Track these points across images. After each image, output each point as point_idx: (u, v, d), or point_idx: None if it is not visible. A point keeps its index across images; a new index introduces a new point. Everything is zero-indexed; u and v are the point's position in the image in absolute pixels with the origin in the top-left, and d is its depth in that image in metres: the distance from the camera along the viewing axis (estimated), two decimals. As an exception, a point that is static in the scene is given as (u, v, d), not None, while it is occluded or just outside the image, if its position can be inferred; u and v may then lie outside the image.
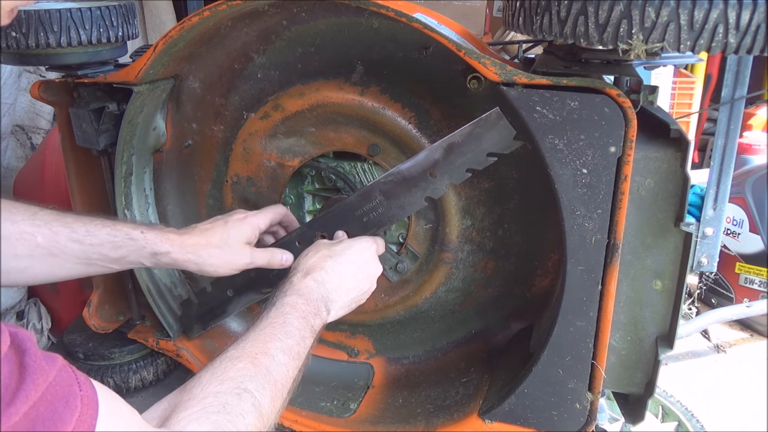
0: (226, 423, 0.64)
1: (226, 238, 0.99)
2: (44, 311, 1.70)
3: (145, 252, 0.91)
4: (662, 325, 1.08)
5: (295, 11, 1.16)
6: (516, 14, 0.99)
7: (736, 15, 0.79)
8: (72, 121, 1.33)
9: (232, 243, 0.99)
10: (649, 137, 1.00)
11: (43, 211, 0.84)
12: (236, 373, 0.71)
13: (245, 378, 0.71)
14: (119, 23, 1.27)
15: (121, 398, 0.58)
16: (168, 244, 0.93)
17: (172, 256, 0.94)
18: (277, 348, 0.79)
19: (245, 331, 0.83)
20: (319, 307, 0.92)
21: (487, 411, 1.17)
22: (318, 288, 0.94)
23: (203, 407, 0.64)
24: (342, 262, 0.98)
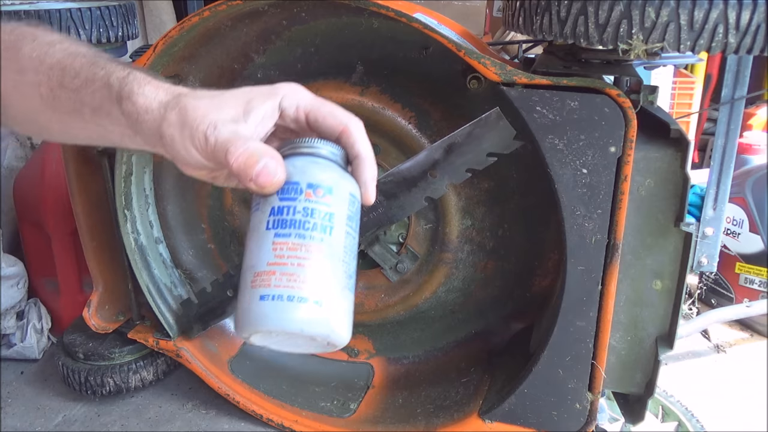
0: None
1: (233, 95, 0.60)
2: (44, 311, 1.70)
3: (113, 94, 0.60)
4: (662, 325, 1.08)
5: (295, 11, 1.16)
6: (516, 14, 0.99)
7: (736, 15, 0.80)
8: (72, 121, 1.33)
9: (230, 101, 0.59)
10: (649, 137, 1.00)
11: (56, 48, 0.65)
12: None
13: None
14: (119, 23, 1.27)
15: None
16: (139, 84, 0.59)
17: (135, 99, 0.58)
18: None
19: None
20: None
21: (487, 411, 1.17)
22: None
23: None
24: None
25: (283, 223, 0.53)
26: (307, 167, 0.56)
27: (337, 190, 0.56)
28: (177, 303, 1.41)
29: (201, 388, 1.48)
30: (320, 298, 0.51)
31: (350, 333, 0.54)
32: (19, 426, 1.43)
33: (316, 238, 0.53)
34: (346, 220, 0.56)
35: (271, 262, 0.52)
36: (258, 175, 0.54)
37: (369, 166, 0.60)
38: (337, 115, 0.60)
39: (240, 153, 0.54)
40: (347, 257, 0.55)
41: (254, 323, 0.52)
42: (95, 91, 0.62)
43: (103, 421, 1.43)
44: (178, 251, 1.47)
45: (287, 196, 0.54)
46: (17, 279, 1.63)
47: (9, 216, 1.81)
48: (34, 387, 1.56)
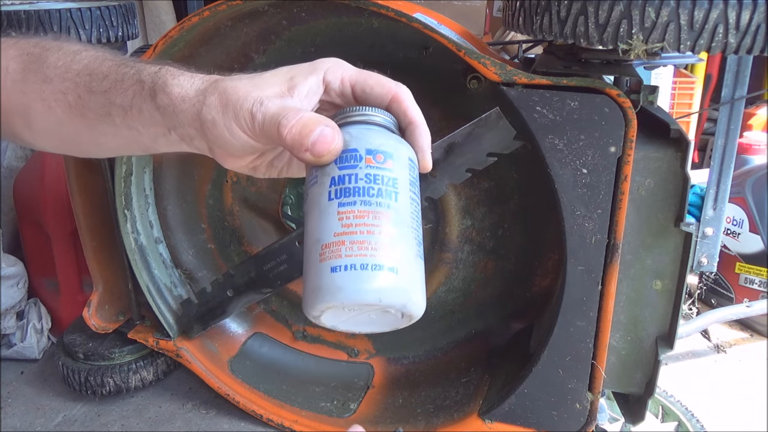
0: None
1: (274, 73, 0.58)
2: (44, 311, 1.70)
3: (145, 89, 0.59)
4: (662, 325, 1.08)
5: (295, 11, 1.16)
6: (516, 14, 0.99)
7: (736, 15, 0.80)
8: (72, 121, 1.32)
9: (272, 79, 0.57)
10: (649, 137, 1.00)
11: (81, 56, 0.64)
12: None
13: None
14: (119, 23, 1.27)
15: None
16: (173, 75, 0.59)
17: (170, 90, 0.58)
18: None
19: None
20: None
21: (487, 411, 1.17)
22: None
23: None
24: None
25: (347, 192, 0.50)
26: (363, 134, 0.53)
27: (397, 155, 0.53)
28: (177, 303, 1.41)
29: (201, 388, 1.48)
30: (395, 264, 0.48)
31: (425, 302, 0.51)
32: (19, 426, 1.43)
33: (383, 205, 0.50)
34: (409, 185, 0.53)
35: (338, 233, 0.49)
36: (314, 144, 0.51)
37: (424, 131, 0.58)
38: (385, 83, 0.58)
39: (294, 124, 0.51)
40: (415, 224, 0.52)
41: (327, 298, 0.48)
42: (126, 89, 0.60)
43: (103, 421, 1.43)
44: (178, 251, 1.47)
45: (347, 164, 0.51)
46: (17, 279, 1.63)
47: (9, 216, 1.81)
48: (34, 387, 1.56)
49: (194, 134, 0.57)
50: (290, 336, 1.50)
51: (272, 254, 1.20)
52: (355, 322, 0.52)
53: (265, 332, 1.50)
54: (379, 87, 0.57)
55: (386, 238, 0.49)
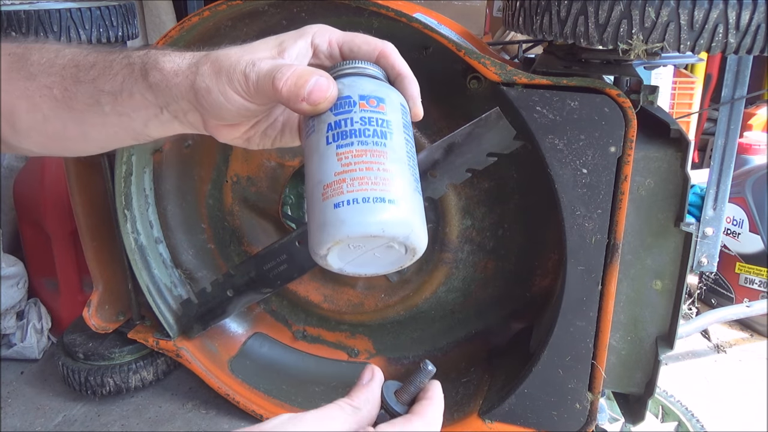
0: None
1: (264, 41, 0.60)
2: (44, 311, 1.70)
3: (135, 70, 0.60)
4: (662, 325, 1.08)
5: (295, 11, 1.16)
6: (516, 14, 0.99)
7: (736, 15, 0.80)
8: (72, 121, 1.32)
9: (262, 45, 0.59)
10: (649, 137, 1.00)
11: (64, 52, 0.65)
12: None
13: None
14: (119, 23, 1.27)
15: None
16: (162, 53, 0.61)
17: (162, 66, 0.59)
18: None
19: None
20: None
21: (487, 411, 1.17)
22: None
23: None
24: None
25: (343, 135, 0.52)
26: (355, 82, 0.55)
27: (389, 100, 0.55)
28: (177, 303, 1.41)
29: (201, 388, 1.48)
30: (394, 197, 0.50)
31: (427, 236, 0.52)
32: (19, 426, 1.43)
33: (379, 144, 0.52)
34: (403, 127, 0.55)
35: (338, 172, 0.50)
36: (311, 93, 0.52)
37: (413, 81, 0.60)
38: (371, 41, 0.59)
39: (288, 76, 0.52)
40: (411, 161, 0.54)
41: (333, 232, 0.49)
42: (115, 74, 0.60)
43: (103, 421, 1.43)
44: (178, 251, 1.47)
45: (342, 110, 0.53)
46: (17, 279, 1.63)
47: (9, 216, 1.81)
48: (34, 387, 1.56)
49: (188, 107, 0.58)
50: (290, 336, 1.50)
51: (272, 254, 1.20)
52: (360, 262, 0.53)
53: (265, 332, 1.50)
54: (366, 45, 0.59)
55: (385, 173, 0.50)
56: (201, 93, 0.56)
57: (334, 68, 0.58)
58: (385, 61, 0.59)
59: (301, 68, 0.54)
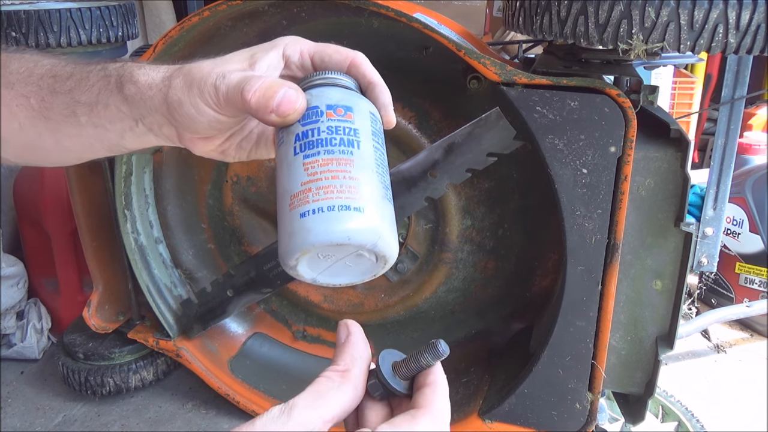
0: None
1: (236, 53, 0.62)
2: (44, 311, 1.70)
3: (111, 82, 0.60)
4: (662, 325, 1.08)
5: (295, 11, 1.16)
6: (516, 14, 0.99)
7: (736, 15, 0.80)
8: (72, 121, 1.32)
9: (233, 58, 0.61)
10: (649, 137, 1.00)
11: (43, 62, 0.65)
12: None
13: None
14: (119, 23, 1.27)
15: None
16: (138, 66, 0.61)
17: (137, 79, 0.59)
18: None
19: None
20: None
21: (487, 411, 1.17)
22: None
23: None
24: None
25: (310, 145, 0.52)
26: (323, 93, 0.55)
27: (358, 109, 0.55)
28: (177, 303, 1.41)
29: (201, 388, 1.48)
30: (361, 204, 0.49)
31: (397, 244, 0.51)
32: (19, 426, 1.43)
33: (345, 152, 0.52)
34: (372, 135, 0.54)
35: (304, 182, 0.50)
36: (279, 105, 0.53)
37: (384, 89, 0.60)
38: (342, 51, 0.60)
39: (257, 88, 0.53)
40: (380, 169, 0.53)
41: (299, 243, 0.49)
42: (92, 86, 0.61)
43: (103, 421, 1.43)
44: (178, 251, 1.47)
45: (309, 120, 0.53)
46: (17, 279, 1.63)
47: (9, 216, 1.81)
48: (34, 387, 1.56)
49: (162, 121, 0.58)
50: (290, 336, 1.50)
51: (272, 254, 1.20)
52: (332, 272, 0.53)
53: (265, 332, 1.50)
54: (337, 54, 0.59)
55: (351, 181, 0.50)
56: (173, 106, 0.56)
57: (304, 80, 0.58)
58: (356, 70, 0.59)
59: (270, 80, 0.54)
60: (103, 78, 0.61)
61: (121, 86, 0.59)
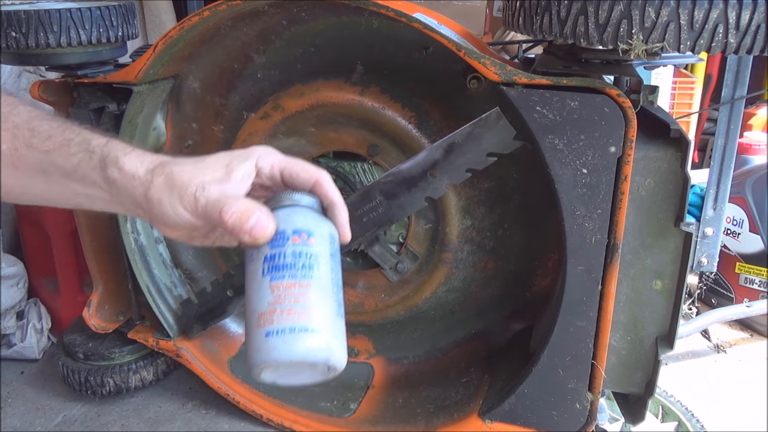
0: None
1: (215, 159, 0.65)
2: (44, 311, 1.70)
3: (94, 159, 0.63)
4: (662, 325, 1.08)
5: (295, 11, 1.16)
6: (516, 14, 0.99)
7: (736, 15, 0.80)
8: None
9: (212, 164, 0.63)
10: (649, 137, 1.00)
11: (19, 109, 0.67)
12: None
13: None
14: (119, 23, 1.27)
15: None
16: (123, 151, 0.63)
17: (121, 166, 0.62)
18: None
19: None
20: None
21: (487, 411, 1.17)
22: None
23: None
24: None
25: (276, 268, 0.60)
26: (290, 216, 0.63)
27: (318, 233, 0.63)
28: (177, 303, 1.41)
29: (201, 388, 1.48)
30: (317, 326, 0.58)
31: (346, 355, 0.62)
32: (19, 426, 1.43)
33: (306, 276, 0.60)
34: (329, 257, 0.63)
35: (270, 302, 0.58)
36: (252, 229, 0.60)
37: (342, 210, 0.67)
38: (309, 169, 0.66)
39: (234, 210, 0.60)
40: (335, 288, 0.63)
41: (264, 358, 0.57)
42: (72, 155, 0.65)
43: (103, 421, 1.43)
44: (178, 251, 1.47)
45: (277, 244, 0.61)
46: (17, 279, 1.63)
47: (9, 216, 1.81)
48: (34, 387, 1.56)
49: (139, 210, 0.64)
50: (290, 336, 1.50)
51: (272, 254, 1.20)
52: (290, 377, 0.62)
53: (265, 332, 1.50)
54: (304, 173, 0.66)
55: (310, 305, 0.59)
56: (153, 203, 0.61)
57: (274, 199, 0.66)
58: (320, 189, 0.66)
59: (246, 204, 0.60)
60: (85, 151, 0.64)
61: (105, 167, 0.63)
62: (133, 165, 0.63)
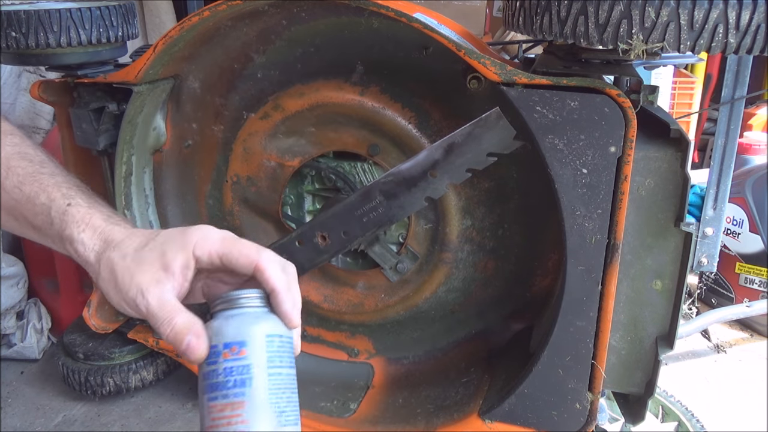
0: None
1: (151, 249, 0.64)
2: (44, 311, 1.70)
3: (54, 229, 0.65)
4: (662, 325, 1.08)
5: (295, 11, 1.16)
6: (516, 14, 0.99)
7: (736, 15, 0.80)
8: (72, 121, 1.33)
9: (149, 257, 0.63)
10: (649, 137, 1.00)
11: (7, 140, 0.70)
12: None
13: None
14: (119, 23, 1.27)
15: None
16: (78, 227, 0.65)
17: (76, 248, 0.65)
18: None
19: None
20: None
21: (487, 411, 1.17)
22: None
23: None
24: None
25: (211, 388, 0.60)
26: (222, 327, 0.62)
27: (252, 340, 0.61)
28: (177, 303, 1.41)
29: (201, 388, 1.48)
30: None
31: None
32: (19, 426, 1.43)
33: (239, 395, 0.59)
34: (267, 363, 0.61)
35: (208, 426, 0.60)
36: (186, 350, 0.61)
37: (285, 297, 0.64)
38: (248, 254, 0.65)
39: (170, 329, 0.62)
40: (274, 398, 0.60)
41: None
42: (36, 214, 0.68)
43: (103, 421, 1.43)
44: (178, 251, 1.46)
45: (211, 360, 0.61)
46: (17, 279, 1.63)
47: (9, 216, 1.80)
48: (34, 387, 1.56)
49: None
50: (290, 336, 1.50)
51: (272, 254, 1.20)
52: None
53: (265, 332, 1.50)
54: (243, 258, 0.65)
55: (244, 426, 0.59)
56: (102, 291, 0.65)
57: (215, 301, 0.65)
58: (260, 275, 0.64)
59: (180, 324, 0.62)
60: (47, 215, 0.67)
61: (63, 241, 0.66)
62: (85, 249, 0.65)
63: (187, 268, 0.64)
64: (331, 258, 1.13)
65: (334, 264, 1.38)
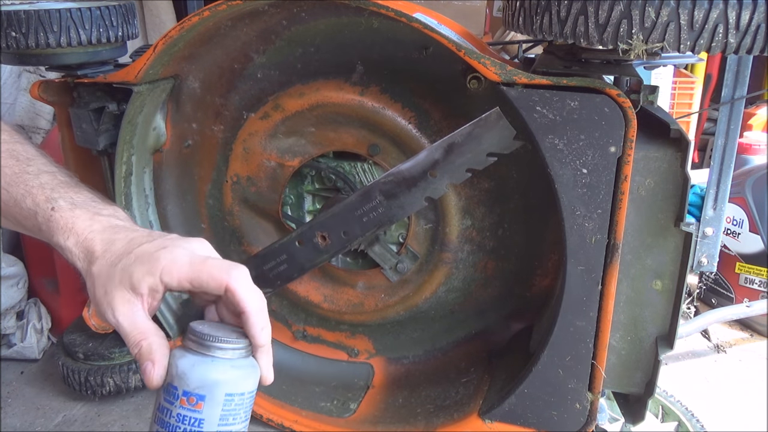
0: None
1: (122, 269, 0.64)
2: (44, 311, 1.70)
3: (43, 234, 0.67)
4: (662, 325, 1.08)
5: (295, 11, 1.16)
6: (516, 14, 0.99)
7: (736, 15, 0.80)
8: (72, 121, 1.33)
9: (118, 276, 0.63)
10: (649, 137, 1.00)
11: (6, 135, 0.71)
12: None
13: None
14: (119, 23, 1.27)
15: None
16: (63, 234, 0.65)
17: (66, 255, 0.67)
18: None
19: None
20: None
21: (487, 411, 1.17)
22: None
23: None
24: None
25: (162, 423, 0.62)
26: (187, 372, 0.62)
27: (211, 396, 0.62)
28: (177, 303, 1.41)
29: (201, 388, 1.48)
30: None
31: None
32: (19, 426, 1.43)
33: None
34: (219, 420, 0.62)
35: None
36: (142, 373, 0.64)
37: (256, 320, 0.66)
38: (217, 277, 0.64)
39: (136, 352, 0.65)
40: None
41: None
42: (25, 218, 0.69)
43: (103, 421, 1.43)
44: (178, 251, 1.46)
45: (168, 398, 0.62)
46: (17, 279, 1.63)
47: (9, 216, 1.81)
48: (34, 387, 1.56)
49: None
50: (290, 336, 1.50)
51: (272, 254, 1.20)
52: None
53: (265, 332, 1.50)
54: (213, 282, 0.64)
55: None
56: (89, 294, 0.67)
57: (188, 333, 0.65)
58: (231, 298, 0.64)
59: (145, 347, 0.64)
60: (33, 218, 0.68)
61: (53, 245, 0.67)
62: (73, 257, 0.67)
63: (156, 291, 0.65)
64: (331, 258, 1.13)
65: (334, 264, 1.38)
